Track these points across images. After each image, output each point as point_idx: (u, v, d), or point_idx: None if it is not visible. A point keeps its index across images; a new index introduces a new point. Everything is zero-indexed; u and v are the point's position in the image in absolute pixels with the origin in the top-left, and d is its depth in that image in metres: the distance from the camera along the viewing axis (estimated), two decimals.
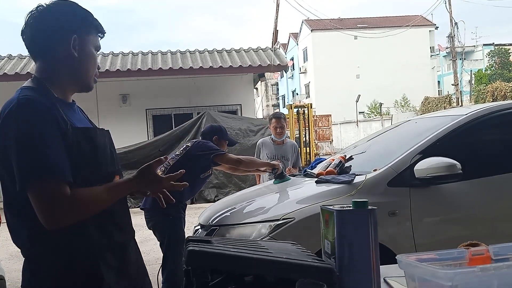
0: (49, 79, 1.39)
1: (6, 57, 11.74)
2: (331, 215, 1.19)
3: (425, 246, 2.84)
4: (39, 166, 1.23)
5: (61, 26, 1.38)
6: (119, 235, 1.43)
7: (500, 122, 3.42)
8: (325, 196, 3.01)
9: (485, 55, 42.44)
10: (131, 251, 1.49)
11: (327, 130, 22.10)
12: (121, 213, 1.48)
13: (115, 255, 1.40)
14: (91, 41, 1.44)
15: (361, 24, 40.89)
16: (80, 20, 1.42)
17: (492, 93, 22.49)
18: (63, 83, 1.41)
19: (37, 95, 1.32)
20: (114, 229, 1.42)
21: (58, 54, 1.39)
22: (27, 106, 1.27)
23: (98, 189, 1.32)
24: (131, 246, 1.51)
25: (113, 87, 11.53)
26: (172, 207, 3.51)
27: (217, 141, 3.73)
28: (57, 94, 1.39)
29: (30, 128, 1.25)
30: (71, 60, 1.40)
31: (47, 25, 1.38)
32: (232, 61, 11.81)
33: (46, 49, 1.39)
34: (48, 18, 1.39)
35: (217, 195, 9.98)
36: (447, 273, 0.92)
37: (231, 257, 1.10)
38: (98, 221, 1.35)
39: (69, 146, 1.29)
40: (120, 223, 1.46)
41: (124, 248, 1.45)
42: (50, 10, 1.39)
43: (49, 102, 1.32)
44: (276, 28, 17.26)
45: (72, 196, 1.25)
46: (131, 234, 1.53)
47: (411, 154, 3.09)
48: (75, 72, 1.42)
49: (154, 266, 5.17)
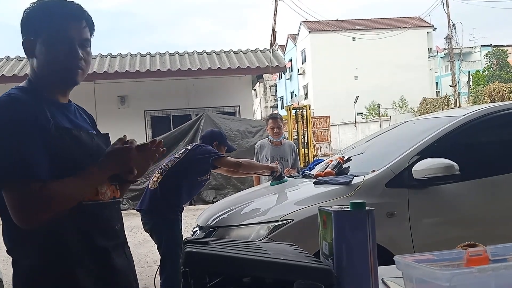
0: (38, 79, 1.39)
1: (4, 59, 11.74)
2: (329, 216, 1.19)
3: (423, 247, 2.84)
4: (10, 165, 1.22)
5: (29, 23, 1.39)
6: (102, 240, 1.38)
7: (498, 123, 3.43)
8: (323, 197, 3.01)
9: (483, 56, 42.57)
10: (116, 257, 1.42)
11: (325, 131, 22.12)
12: (108, 218, 1.43)
13: (95, 260, 1.35)
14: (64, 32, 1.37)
15: (359, 26, 40.95)
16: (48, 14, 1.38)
17: (490, 94, 22.53)
18: (48, 82, 1.40)
19: (21, 94, 1.32)
20: (97, 234, 1.37)
21: (36, 52, 1.38)
22: (4, 104, 1.27)
23: (69, 180, 1.28)
24: (117, 252, 1.44)
25: (111, 88, 11.54)
26: (169, 210, 3.51)
27: (217, 146, 3.73)
28: (47, 93, 1.39)
29: (3, 126, 1.24)
30: (42, 56, 1.38)
31: (21, 25, 1.40)
32: (230, 62, 11.81)
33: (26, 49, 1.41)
34: (22, 19, 1.40)
35: (216, 197, 9.98)
36: (445, 274, 0.92)
37: (229, 259, 1.09)
38: (79, 224, 1.33)
39: (49, 145, 1.27)
40: (105, 227, 1.41)
41: (106, 254, 1.39)
42: (25, 12, 1.40)
43: (33, 101, 1.30)
44: (275, 29, 17.28)
45: (41, 192, 1.22)
46: (117, 240, 1.46)
47: (409, 155, 3.09)
48: (50, 66, 1.38)
49: (153, 268, 5.16)
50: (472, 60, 43.82)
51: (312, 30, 40.28)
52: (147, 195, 3.56)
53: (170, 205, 3.50)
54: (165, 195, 3.44)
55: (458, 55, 30.61)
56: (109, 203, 1.44)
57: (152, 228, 3.53)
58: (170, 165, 3.55)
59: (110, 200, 1.44)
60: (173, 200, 3.52)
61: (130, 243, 5.32)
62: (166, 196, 3.45)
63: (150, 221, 3.53)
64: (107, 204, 1.42)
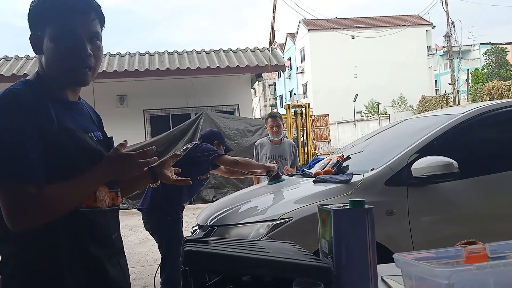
0: (46, 74, 1.33)
1: (3, 58, 11.73)
2: (329, 214, 1.19)
3: (422, 244, 2.84)
4: (5, 167, 1.17)
5: (36, 18, 1.32)
6: (96, 248, 1.32)
7: (497, 121, 3.43)
8: (322, 196, 3.02)
9: (482, 54, 42.61)
10: (109, 268, 1.35)
11: (324, 129, 22.11)
12: (105, 226, 1.36)
13: (86, 270, 1.29)
14: (71, 27, 1.29)
15: (358, 24, 40.95)
16: (55, 7, 1.30)
17: (489, 92, 22.53)
18: (56, 79, 1.33)
19: (26, 89, 1.25)
20: (91, 242, 1.31)
21: (44, 48, 1.31)
22: (6, 101, 1.21)
23: (65, 185, 1.23)
24: (111, 262, 1.37)
25: (110, 88, 11.52)
26: (170, 208, 3.51)
27: (216, 146, 3.76)
28: (55, 90, 1.33)
29: (2, 125, 1.19)
30: (49, 53, 1.31)
31: (28, 19, 1.34)
32: (229, 61, 11.81)
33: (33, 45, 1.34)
34: (29, 13, 1.33)
35: (215, 195, 9.98)
36: (444, 272, 0.92)
37: (228, 257, 1.10)
38: (73, 232, 1.27)
39: (49, 145, 1.22)
40: (100, 236, 1.35)
41: (99, 263, 1.33)
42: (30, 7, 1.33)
43: (38, 97, 1.24)
44: (273, 28, 17.26)
45: (38, 196, 1.17)
46: (112, 249, 1.39)
47: (408, 153, 3.09)
48: (56, 64, 1.31)
49: (153, 267, 5.17)
50: (471, 58, 43.86)
51: (311, 28, 40.27)
52: (148, 193, 3.57)
53: (171, 204, 3.51)
54: (166, 194, 3.45)
55: (457, 53, 30.67)
56: (107, 210, 1.37)
57: (153, 227, 3.54)
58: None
59: (108, 207, 1.38)
60: (175, 199, 3.53)
61: (130, 242, 5.33)
62: (167, 194, 3.45)
63: (151, 220, 3.54)
64: (105, 212, 1.36)
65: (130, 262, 5.47)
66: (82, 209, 1.29)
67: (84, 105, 1.46)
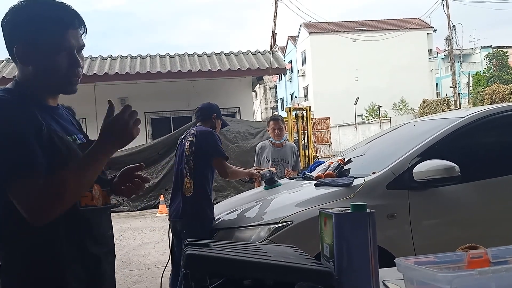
0: (30, 83, 1.35)
1: (4, 61, 11.75)
2: (330, 218, 1.19)
3: (423, 248, 2.84)
4: (19, 164, 1.19)
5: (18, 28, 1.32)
6: (94, 247, 1.37)
7: (498, 124, 3.43)
8: (324, 199, 3.01)
9: (483, 57, 42.61)
10: (106, 266, 1.41)
11: (325, 132, 22.12)
12: (101, 225, 1.42)
13: (86, 268, 1.33)
14: (62, 39, 1.32)
15: (360, 27, 40.99)
16: (46, 21, 1.31)
17: (490, 95, 22.52)
18: (42, 87, 1.36)
19: (10, 96, 1.29)
20: (90, 241, 1.35)
21: (32, 59, 1.33)
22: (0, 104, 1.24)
23: (79, 164, 1.26)
24: (107, 259, 1.43)
25: (111, 90, 11.52)
26: (208, 208, 3.39)
27: (215, 119, 3.69)
28: (37, 97, 1.35)
29: (2, 126, 1.21)
30: (40, 65, 1.33)
31: (8, 30, 1.34)
32: (230, 64, 11.82)
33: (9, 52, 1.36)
34: (10, 24, 1.33)
35: (216, 198, 9.96)
36: (446, 276, 0.92)
37: (229, 261, 1.09)
38: (72, 231, 1.30)
39: (43, 148, 1.24)
40: (97, 235, 1.39)
41: (98, 262, 1.38)
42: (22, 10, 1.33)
43: (22, 103, 1.27)
44: (275, 31, 17.30)
45: (51, 183, 1.19)
46: (108, 247, 1.45)
47: (409, 156, 3.09)
48: (48, 76, 1.34)
49: (153, 269, 5.16)
50: (472, 62, 43.86)
51: (312, 31, 40.32)
52: (181, 203, 3.40)
53: (207, 202, 3.39)
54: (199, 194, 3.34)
55: (458, 57, 30.65)
56: (102, 208, 1.42)
57: (189, 230, 3.27)
58: (191, 165, 3.44)
59: (103, 206, 1.43)
60: (205, 195, 3.40)
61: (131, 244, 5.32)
62: (200, 194, 3.34)
63: (188, 226, 3.33)
64: (100, 210, 1.41)
65: (131, 265, 5.47)
66: (81, 208, 1.33)
67: (63, 110, 1.49)
